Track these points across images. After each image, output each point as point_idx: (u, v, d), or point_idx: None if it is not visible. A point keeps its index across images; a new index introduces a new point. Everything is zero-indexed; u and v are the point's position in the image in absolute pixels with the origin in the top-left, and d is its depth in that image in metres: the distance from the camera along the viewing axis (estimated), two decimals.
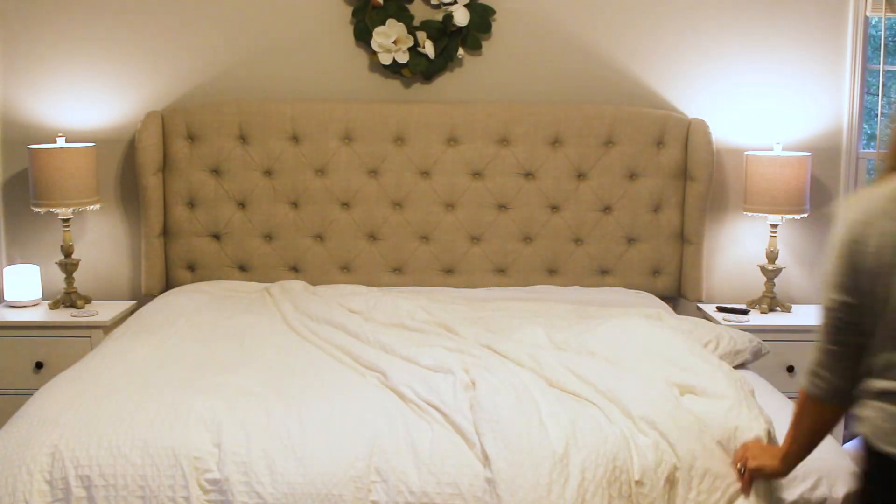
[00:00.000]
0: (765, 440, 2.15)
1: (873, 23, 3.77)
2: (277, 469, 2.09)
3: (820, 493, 2.14)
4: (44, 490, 2.08)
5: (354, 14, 3.66)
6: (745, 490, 2.08)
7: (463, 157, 3.64)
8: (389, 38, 3.59)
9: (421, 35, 3.62)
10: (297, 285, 3.49)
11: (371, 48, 3.62)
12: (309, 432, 2.18)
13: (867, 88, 3.80)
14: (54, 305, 3.61)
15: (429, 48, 3.62)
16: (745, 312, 3.60)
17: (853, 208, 1.76)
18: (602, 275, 3.72)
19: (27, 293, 3.63)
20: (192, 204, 3.66)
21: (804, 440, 1.95)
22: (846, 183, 3.80)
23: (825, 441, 1.98)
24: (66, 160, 3.48)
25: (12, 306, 3.62)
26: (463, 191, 3.66)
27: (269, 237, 3.69)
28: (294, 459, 2.10)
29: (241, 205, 3.67)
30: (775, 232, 3.66)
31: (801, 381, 1.89)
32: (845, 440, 3.45)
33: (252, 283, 3.62)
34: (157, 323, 3.05)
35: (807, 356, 1.86)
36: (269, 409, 2.26)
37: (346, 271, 3.70)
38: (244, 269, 3.70)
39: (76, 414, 2.24)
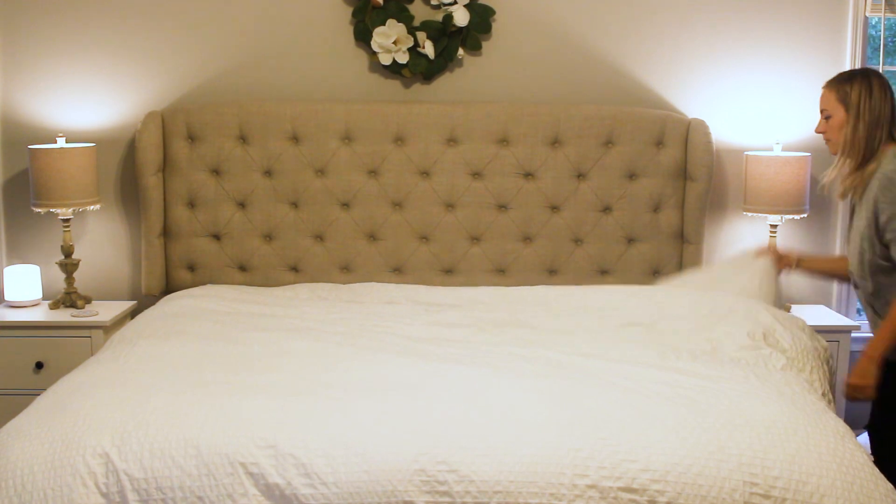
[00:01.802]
0: None
1: (873, 23, 3.78)
2: (339, 468, 2.02)
3: None
4: (100, 503, 2.03)
5: (354, 14, 3.66)
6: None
7: (463, 157, 3.64)
8: (389, 39, 3.59)
9: (421, 35, 3.62)
10: (325, 286, 3.53)
11: (371, 48, 3.63)
12: (366, 427, 2.11)
13: None
14: (54, 305, 3.61)
15: (429, 48, 3.62)
16: None
17: None
18: (602, 275, 3.72)
19: (27, 293, 3.63)
20: (192, 204, 3.66)
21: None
22: None
23: None
24: (66, 160, 3.48)
25: (12, 306, 3.62)
26: (463, 191, 3.66)
27: (269, 237, 3.69)
28: (356, 456, 2.04)
29: (241, 205, 3.67)
30: (775, 232, 3.66)
31: None
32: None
33: (279, 287, 3.57)
34: (181, 325, 2.95)
35: None
36: (320, 407, 2.19)
37: (346, 271, 3.70)
38: (244, 270, 3.70)
39: (122, 417, 2.16)
